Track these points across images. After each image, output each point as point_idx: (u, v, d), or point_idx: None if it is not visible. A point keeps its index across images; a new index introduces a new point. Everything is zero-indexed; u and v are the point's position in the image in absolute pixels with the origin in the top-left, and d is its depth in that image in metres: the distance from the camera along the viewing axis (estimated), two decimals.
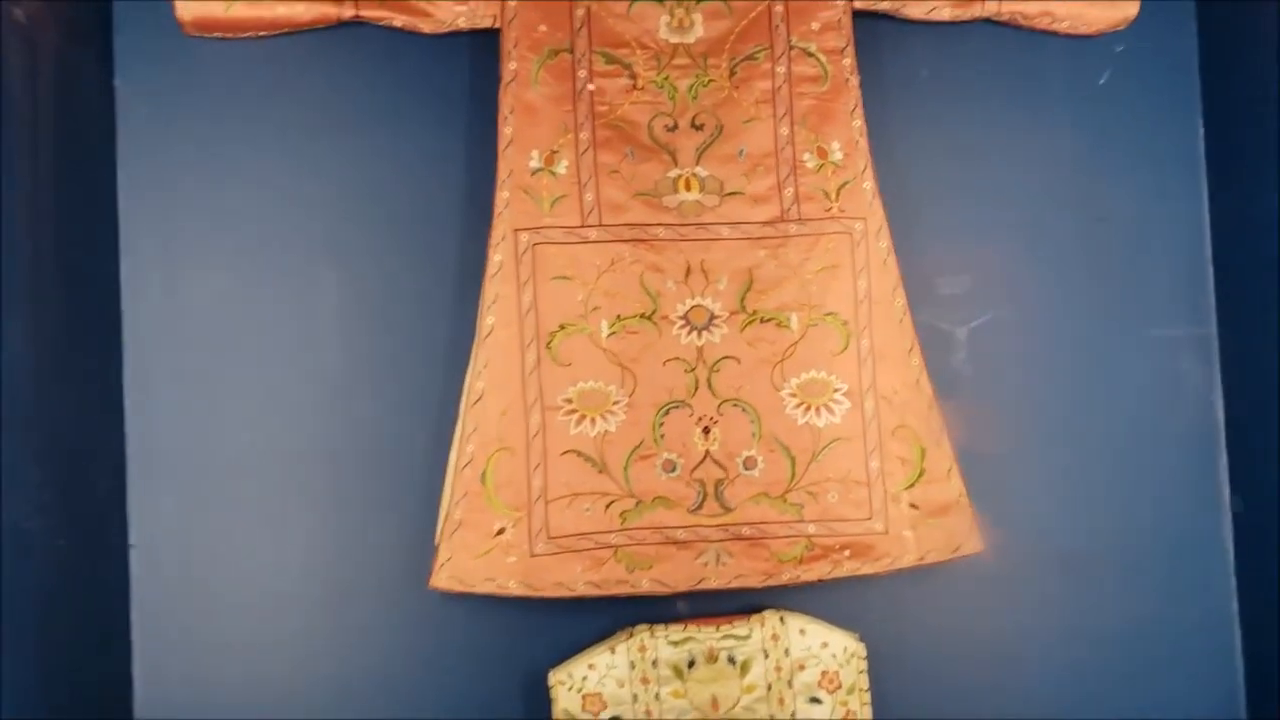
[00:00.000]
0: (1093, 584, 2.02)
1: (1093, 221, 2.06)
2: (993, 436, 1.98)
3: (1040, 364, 2.04)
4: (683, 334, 1.83)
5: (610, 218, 1.84)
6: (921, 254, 1.97)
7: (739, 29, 1.91)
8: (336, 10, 1.83)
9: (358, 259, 1.90)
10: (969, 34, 2.02)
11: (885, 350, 1.86)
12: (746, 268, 1.85)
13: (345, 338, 1.90)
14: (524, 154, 1.84)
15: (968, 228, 2.03)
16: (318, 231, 1.90)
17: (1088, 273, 2.06)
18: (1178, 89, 2.10)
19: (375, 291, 1.90)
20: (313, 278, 1.90)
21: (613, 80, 1.88)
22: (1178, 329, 2.08)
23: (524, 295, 1.81)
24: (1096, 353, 2.05)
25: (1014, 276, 2.04)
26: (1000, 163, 2.04)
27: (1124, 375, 2.06)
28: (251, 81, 1.88)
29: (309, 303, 1.89)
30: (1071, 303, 2.05)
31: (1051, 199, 2.05)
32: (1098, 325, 2.06)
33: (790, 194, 1.88)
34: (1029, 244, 2.05)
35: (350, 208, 1.90)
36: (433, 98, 1.92)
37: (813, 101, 1.90)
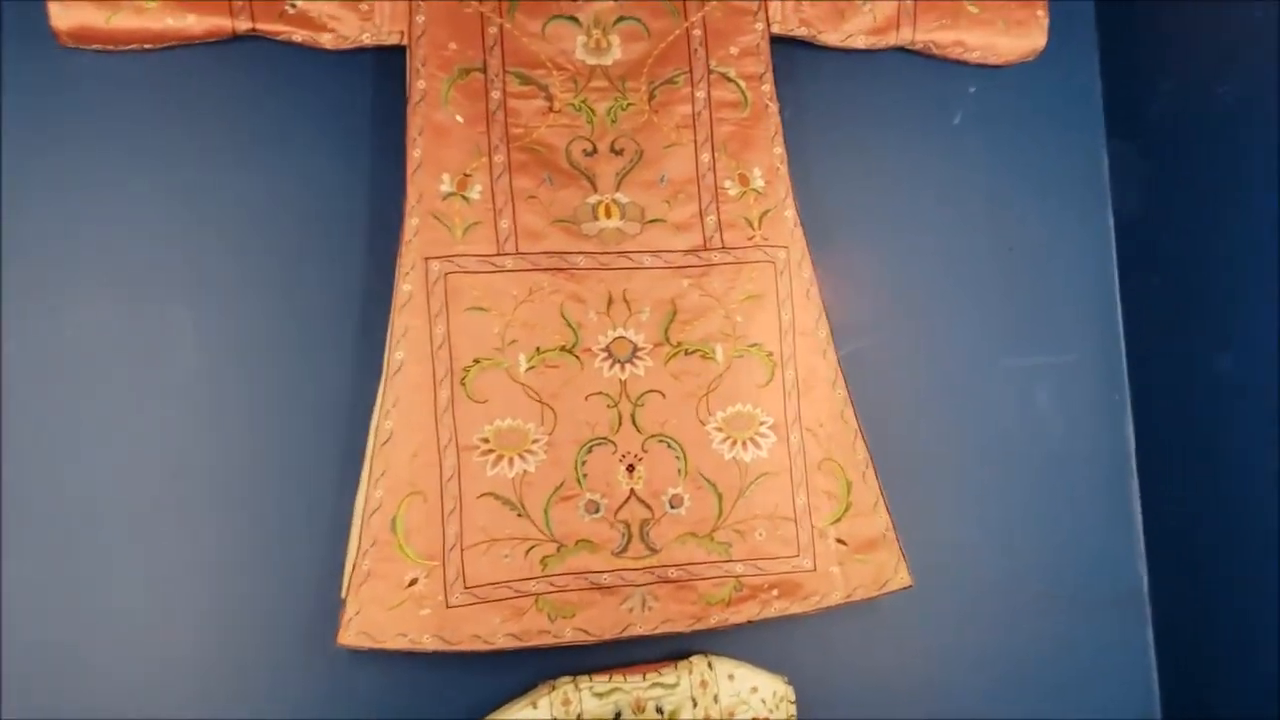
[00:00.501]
0: (1014, 609, 2.02)
1: (1003, 249, 2.06)
2: (909, 464, 1.95)
3: (954, 391, 2.03)
4: (605, 367, 1.75)
5: (528, 245, 1.75)
6: (839, 281, 1.93)
7: (657, 52, 1.85)
8: (231, 23, 1.70)
9: (256, 288, 1.76)
10: (885, 62, 2.01)
11: (810, 382, 1.82)
12: (669, 298, 1.79)
13: (242, 374, 1.74)
14: (434, 178, 1.73)
15: (885, 255, 2.02)
16: (212, 258, 1.75)
17: (999, 299, 2.06)
18: (1083, 118, 2.14)
19: (275, 324, 1.76)
20: (207, 307, 1.74)
21: (528, 102, 1.79)
22: (1088, 353, 2.10)
23: (436, 328, 1.70)
24: (1010, 378, 2.06)
25: (928, 303, 2.03)
26: (916, 190, 2.03)
27: (1037, 400, 2.07)
28: (139, 98, 1.72)
29: (202, 335, 1.73)
30: (985, 329, 2.05)
31: (965, 227, 2.06)
32: (1010, 351, 2.06)
33: (712, 222, 1.82)
34: (944, 271, 2.04)
35: (248, 233, 1.76)
36: (336, 118, 1.80)
37: (733, 128, 1.85)
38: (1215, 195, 1.89)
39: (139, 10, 1.65)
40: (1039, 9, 2.01)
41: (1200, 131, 1.92)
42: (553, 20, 1.82)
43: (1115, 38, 2.12)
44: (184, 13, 1.67)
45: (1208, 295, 1.91)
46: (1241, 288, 1.83)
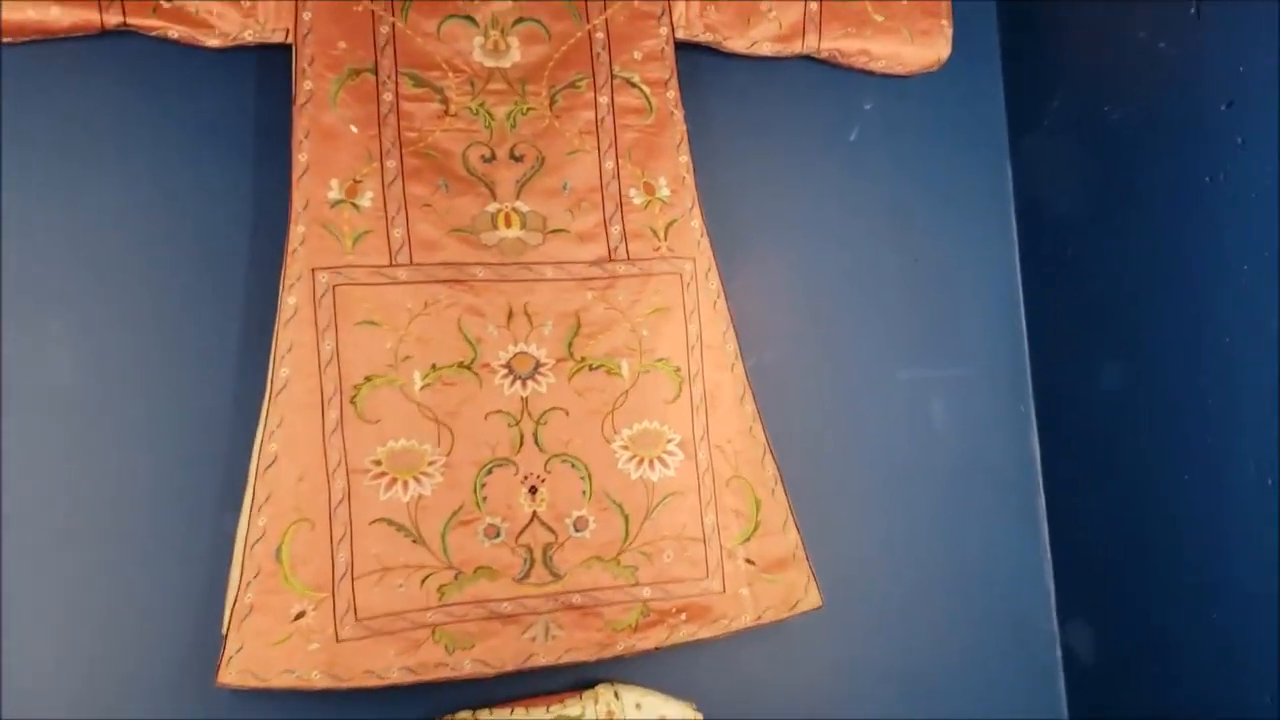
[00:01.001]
0: (922, 625, 1.99)
1: (908, 260, 2.04)
2: (814, 478, 1.91)
3: (859, 404, 2.01)
4: (506, 384, 1.67)
5: (423, 256, 1.66)
6: (746, 293, 1.88)
7: (559, 55, 1.78)
8: (99, 17, 1.58)
9: (130, 299, 1.64)
10: (791, 70, 1.97)
11: (718, 397, 1.77)
12: (573, 310, 1.71)
13: (115, 392, 1.62)
14: (322, 184, 1.63)
15: (791, 267, 1.98)
16: (84, 267, 1.62)
17: (904, 311, 2.05)
18: (986, 129, 2.14)
19: (151, 338, 1.64)
20: (77, 320, 1.62)
21: (422, 105, 1.71)
22: (993, 365, 2.10)
23: (324, 343, 1.60)
24: (915, 390, 2.04)
25: (833, 315, 2.01)
26: (822, 200, 2.01)
27: (942, 412, 2.05)
28: (4, 94, 1.59)
29: (72, 350, 1.61)
30: (889, 341, 2.04)
31: (870, 237, 2.04)
32: (916, 363, 2.05)
33: (617, 232, 1.75)
34: (849, 282, 2.02)
35: (121, 241, 1.64)
36: (215, 119, 1.69)
37: (638, 134, 1.79)
38: (1119, 206, 1.89)
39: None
40: (943, 19, 2.00)
41: (1101, 143, 1.92)
42: (448, 20, 1.74)
43: (1017, 49, 2.12)
44: (47, 4, 1.55)
45: (1111, 306, 1.91)
46: (1145, 298, 1.83)
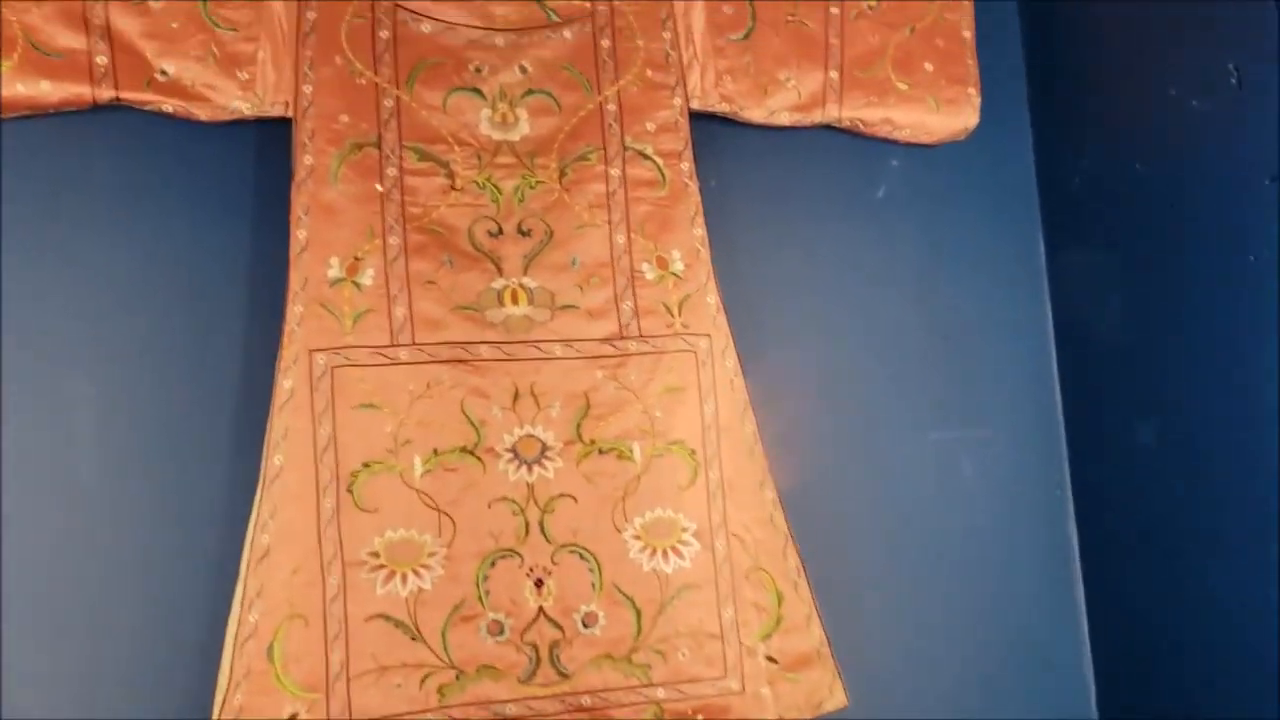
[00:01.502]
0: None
1: (938, 332, 1.96)
2: (838, 563, 1.81)
3: (887, 480, 1.91)
4: (511, 469, 1.58)
5: (425, 335, 1.59)
6: (766, 370, 1.79)
7: (569, 127, 1.72)
8: (91, 92, 1.53)
9: (121, 381, 1.57)
10: (810, 139, 1.91)
11: (736, 483, 1.67)
12: (582, 391, 1.63)
13: (99, 478, 1.55)
14: (321, 261, 1.57)
15: (814, 341, 1.89)
16: (75, 349, 1.56)
17: (937, 383, 1.95)
18: (1016, 196, 2.06)
19: (141, 423, 1.57)
20: (59, 403, 1.55)
21: (427, 179, 1.65)
22: (1026, 434, 2.00)
23: (320, 428, 1.52)
24: (945, 465, 1.94)
25: (862, 389, 1.91)
26: (846, 272, 1.93)
27: (973, 486, 1.95)
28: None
29: (56, 431, 1.55)
30: (920, 414, 1.94)
31: (898, 310, 1.95)
32: (945, 429, 1.95)
33: (629, 308, 1.68)
34: (877, 355, 1.93)
35: (113, 322, 1.58)
36: (211, 196, 1.64)
37: (650, 207, 1.72)
38: (1154, 270, 1.81)
39: None
40: (970, 87, 1.93)
41: (1134, 204, 1.85)
42: (455, 93, 1.68)
43: (1047, 116, 2.06)
44: (37, 79, 1.50)
45: (1146, 370, 1.83)
46: (1179, 364, 1.76)
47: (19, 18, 1.50)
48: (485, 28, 1.71)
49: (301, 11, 1.63)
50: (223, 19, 1.60)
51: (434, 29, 1.69)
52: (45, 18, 1.51)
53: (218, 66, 1.59)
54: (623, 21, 1.77)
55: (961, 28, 1.96)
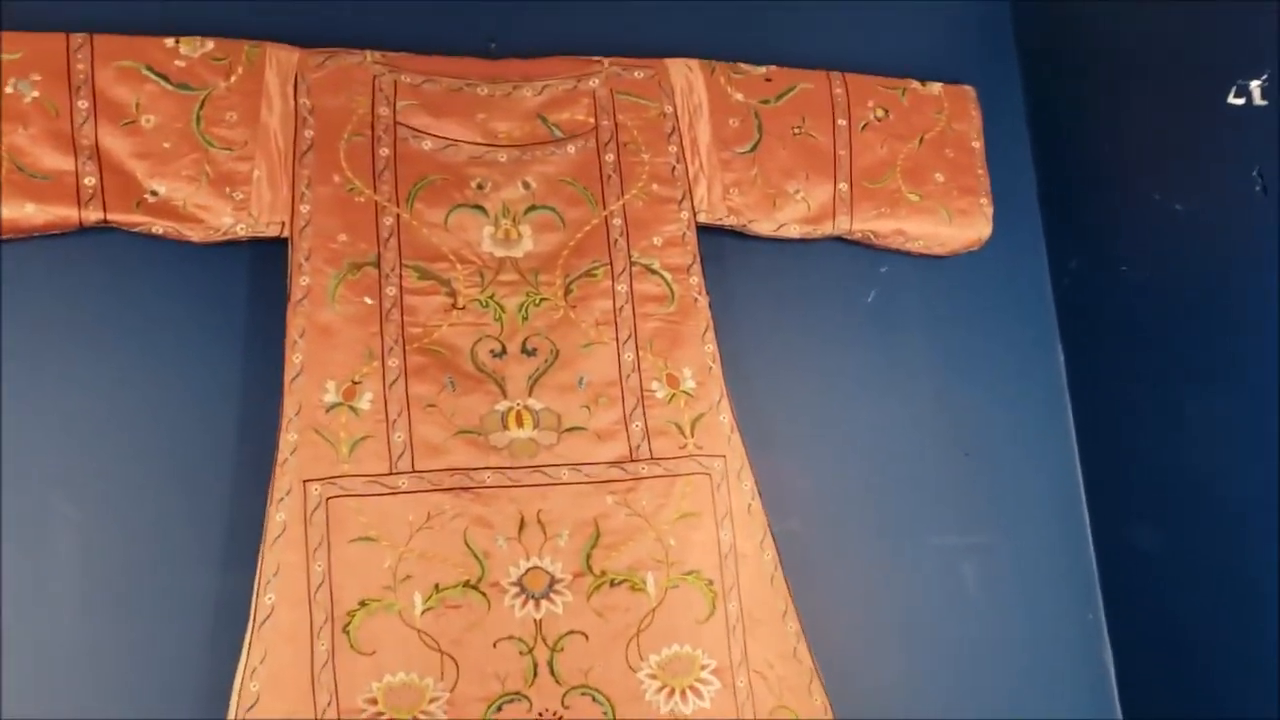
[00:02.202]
0: None
1: (959, 455, 1.87)
2: (864, 698, 1.69)
3: (914, 592, 1.81)
4: (517, 605, 1.48)
5: (426, 462, 1.50)
6: (780, 493, 1.70)
7: (574, 243, 1.66)
8: (78, 214, 1.48)
9: (102, 511, 1.48)
10: (819, 251, 1.86)
11: (757, 615, 1.57)
12: (591, 518, 1.54)
13: (78, 610, 1.45)
14: (317, 386, 1.49)
15: (830, 456, 1.81)
16: (51, 467, 1.48)
17: (959, 507, 1.86)
18: (1031, 305, 2.01)
19: (117, 561, 1.47)
20: (41, 524, 1.46)
21: (428, 298, 1.58)
22: (1056, 567, 1.90)
23: (315, 565, 1.43)
24: (981, 590, 1.84)
25: (881, 503, 1.82)
26: (860, 383, 1.86)
27: (1008, 613, 1.84)
28: None
29: (37, 554, 1.45)
30: (944, 524, 1.85)
31: (916, 430, 1.87)
32: (976, 560, 1.86)
33: (639, 429, 1.60)
34: (897, 467, 1.84)
35: (95, 444, 1.50)
36: (202, 317, 1.57)
37: (659, 323, 1.66)
38: (1177, 380, 1.77)
39: None
40: (982, 198, 1.90)
41: (1153, 317, 1.81)
42: (456, 210, 1.63)
43: (1059, 223, 2.02)
44: (22, 201, 1.45)
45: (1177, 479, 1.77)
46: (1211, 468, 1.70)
47: (4, 139, 1.45)
48: (488, 144, 1.67)
49: (299, 129, 1.59)
50: (217, 138, 1.55)
51: (435, 146, 1.65)
52: (32, 139, 1.47)
53: (211, 186, 1.53)
54: (627, 136, 1.73)
55: (970, 138, 1.94)
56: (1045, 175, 2.05)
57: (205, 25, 1.60)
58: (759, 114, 1.80)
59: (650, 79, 1.77)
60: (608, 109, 1.73)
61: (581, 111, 1.72)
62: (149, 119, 1.53)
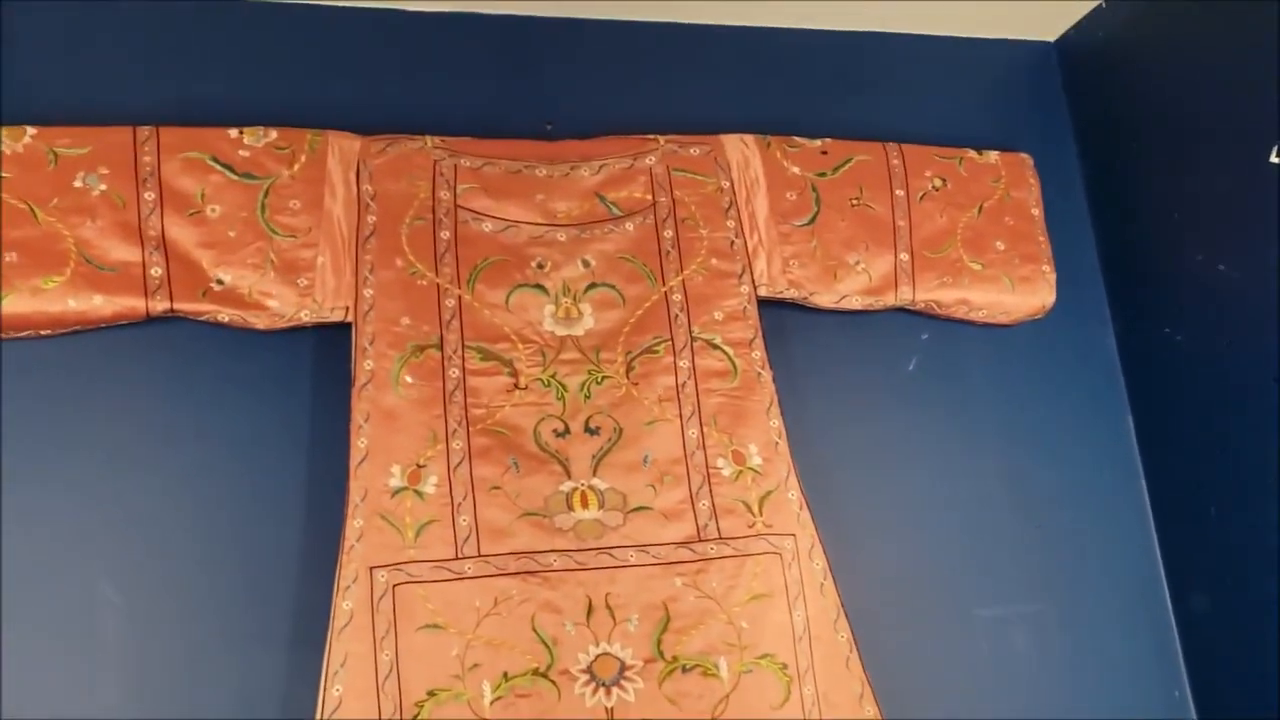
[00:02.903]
0: None
1: (1031, 527, 1.82)
2: None
3: (993, 683, 1.74)
4: (588, 693, 1.44)
5: (491, 546, 1.48)
6: (851, 572, 1.65)
7: (634, 319, 1.65)
8: (145, 304, 1.49)
9: (155, 610, 1.46)
10: (883, 323, 1.83)
11: (833, 699, 1.52)
12: (661, 601, 1.50)
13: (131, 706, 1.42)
14: (383, 471, 1.48)
15: (897, 537, 1.76)
16: (109, 562, 1.47)
17: (1034, 586, 1.81)
18: (1099, 372, 1.97)
19: (180, 652, 1.45)
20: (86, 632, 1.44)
21: (490, 379, 1.57)
22: (1138, 641, 1.83)
23: (382, 654, 1.39)
24: (1058, 674, 1.77)
25: (952, 577, 1.77)
26: (927, 462, 1.81)
27: (1089, 690, 1.77)
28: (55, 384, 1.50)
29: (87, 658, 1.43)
30: (1016, 611, 1.79)
31: (985, 502, 1.82)
32: (1051, 635, 1.79)
33: (706, 508, 1.56)
34: (967, 551, 1.79)
35: (163, 540, 1.49)
36: (266, 404, 1.57)
37: (723, 399, 1.63)
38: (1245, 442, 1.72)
39: (35, 292, 1.43)
40: (1045, 264, 1.87)
41: (1219, 380, 1.77)
42: (517, 290, 1.63)
43: (1123, 289, 1.98)
44: (90, 293, 1.46)
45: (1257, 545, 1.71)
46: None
47: (73, 232, 1.47)
48: (547, 224, 1.67)
49: (362, 215, 1.60)
50: (282, 226, 1.56)
51: (495, 227, 1.65)
52: (100, 232, 1.48)
53: (276, 274, 1.54)
54: (685, 211, 1.72)
55: (1029, 205, 1.92)
56: (1105, 239, 2.02)
57: (268, 115, 1.62)
58: (816, 186, 1.80)
59: (706, 155, 1.77)
60: (665, 186, 1.73)
61: (639, 189, 1.72)
62: (214, 209, 1.54)
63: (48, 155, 1.49)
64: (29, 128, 1.49)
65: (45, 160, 1.49)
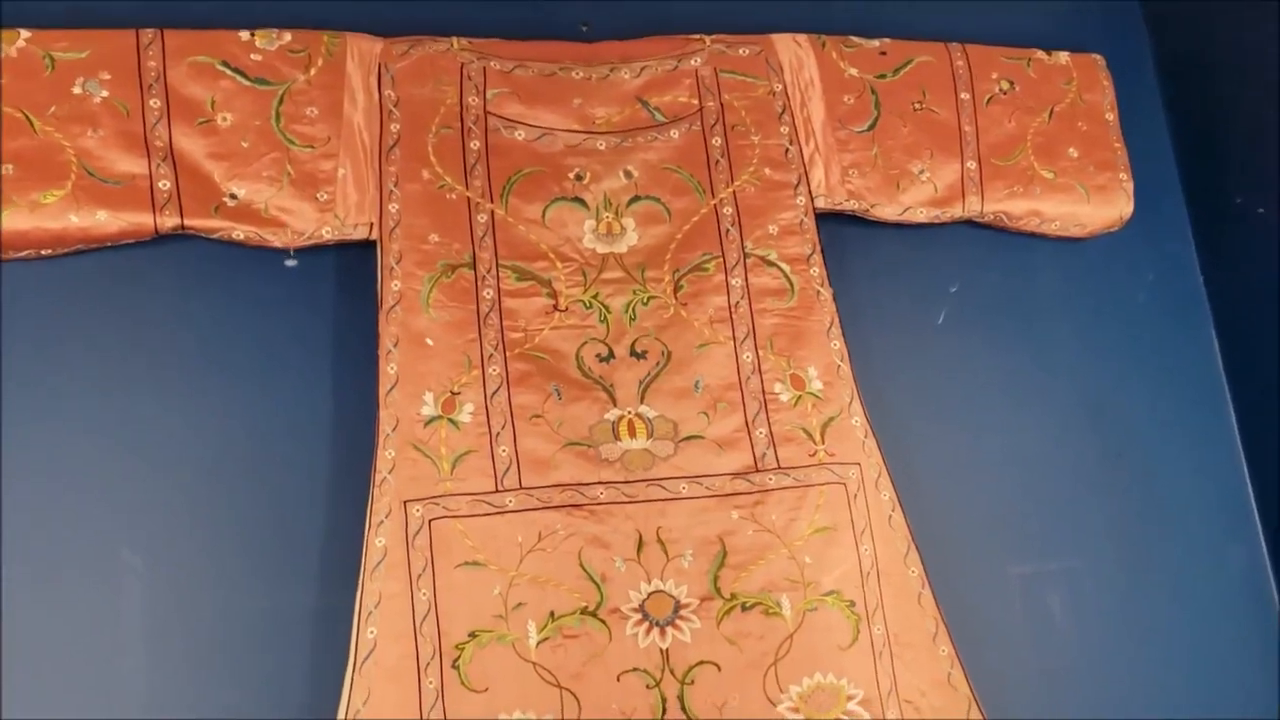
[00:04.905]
0: None
1: (1111, 455, 1.69)
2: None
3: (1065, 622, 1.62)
4: (640, 633, 1.33)
5: (533, 478, 1.37)
6: (917, 505, 1.52)
7: (682, 235, 1.53)
8: (153, 220, 1.37)
9: (174, 546, 1.36)
10: (949, 237, 1.69)
11: (905, 638, 1.41)
12: (716, 535, 1.39)
13: (156, 657, 1.32)
14: (414, 398, 1.37)
15: (968, 468, 1.63)
16: (119, 519, 1.35)
17: (1111, 513, 1.67)
18: (1180, 291, 1.83)
19: (203, 597, 1.35)
20: (110, 575, 1.34)
21: (528, 300, 1.45)
22: (1229, 566, 1.71)
23: (419, 593, 1.29)
24: (1147, 607, 1.65)
25: (1027, 523, 1.64)
26: (998, 387, 1.68)
27: (1179, 624, 1.65)
28: (47, 311, 1.38)
29: (110, 607, 1.33)
30: (1096, 538, 1.66)
31: (1060, 428, 1.69)
32: (1137, 571, 1.66)
33: (763, 436, 1.45)
34: (1042, 481, 1.66)
35: (170, 475, 1.38)
36: (287, 330, 1.45)
37: (779, 320, 1.51)
38: None
39: (34, 207, 1.32)
40: (1121, 173, 1.74)
41: None
42: (555, 204, 1.50)
43: (1204, 198, 1.84)
44: (93, 208, 1.34)
45: None
46: None
47: (73, 143, 1.35)
48: (585, 131, 1.54)
49: (385, 124, 1.48)
50: (299, 135, 1.44)
51: (529, 136, 1.53)
52: (102, 142, 1.36)
53: (293, 188, 1.42)
54: (734, 117, 1.59)
55: (1103, 110, 1.78)
56: (1184, 146, 1.88)
57: (281, 17, 1.49)
58: (875, 89, 1.66)
59: (757, 55, 1.63)
60: (712, 89, 1.60)
61: (684, 93, 1.59)
62: (225, 117, 1.42)
63: (44, 60, 1.37)
64: (23, 30, 1.37)
65: (41, 65, 1.36)
